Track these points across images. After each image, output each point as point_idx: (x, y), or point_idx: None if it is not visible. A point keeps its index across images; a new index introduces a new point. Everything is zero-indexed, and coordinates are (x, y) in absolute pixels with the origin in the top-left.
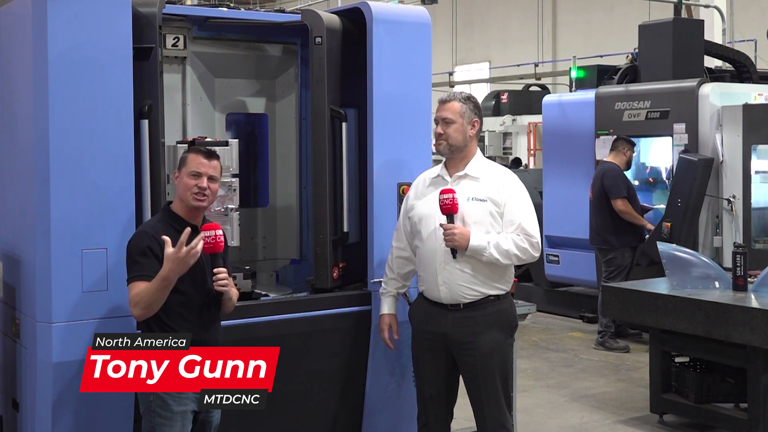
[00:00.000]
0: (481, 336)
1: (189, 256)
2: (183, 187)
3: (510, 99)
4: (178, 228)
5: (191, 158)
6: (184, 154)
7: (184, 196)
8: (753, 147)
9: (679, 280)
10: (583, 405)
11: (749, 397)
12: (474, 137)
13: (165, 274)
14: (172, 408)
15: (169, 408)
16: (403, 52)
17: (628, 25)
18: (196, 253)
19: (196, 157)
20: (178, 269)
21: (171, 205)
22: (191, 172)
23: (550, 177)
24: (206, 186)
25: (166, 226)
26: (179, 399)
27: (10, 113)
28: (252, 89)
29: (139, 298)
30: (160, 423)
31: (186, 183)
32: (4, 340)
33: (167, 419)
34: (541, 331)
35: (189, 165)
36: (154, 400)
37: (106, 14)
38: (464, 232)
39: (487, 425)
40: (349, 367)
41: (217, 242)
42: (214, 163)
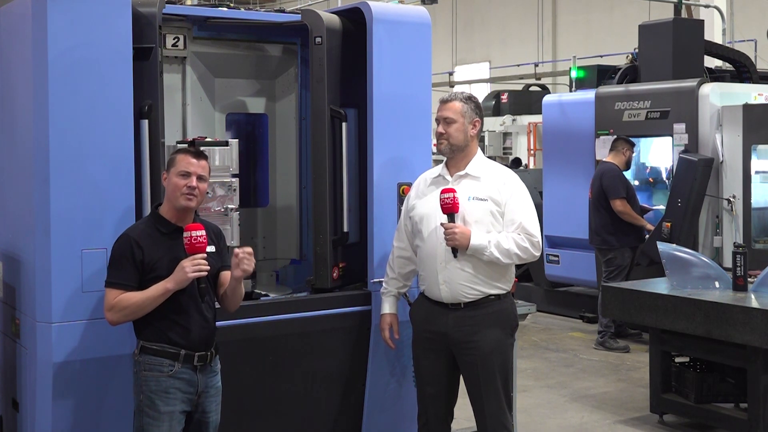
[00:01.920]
0: (481, 335)
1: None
2: (172, 187)
3: (510, 99)
4: (164, 231)
5: (180, 158)
6: (173, 155)
7: (173, 196)
8: (753, 147)
9: (679, 280)
10: (583, 405)
11: (749, 397)
12: (475, 137)
13: (171, 287)
14: (159, 408)
15: (157, 408)
16: (403, 52)
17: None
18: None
19: (184, 157)
20: (184, 284)
21: (159, 209)
22: (180, 171)
23: (550, 177)
24: (196, 185)
25: (152, 229)
26: (167, 399)
27: (10, 113)
28: (252, 89)
29: (122, 305)
30: (148, 423)
31: (175, 183)
32: (4, 340)
33: (155, 419)
34: (541, 331)
35: (178, 165)
36: (144, 400)
37: (106, 14)
38: (465, 231)
39: (488, 425)
40: (349, 367)
41: (194, 244)
42: (202, 162)
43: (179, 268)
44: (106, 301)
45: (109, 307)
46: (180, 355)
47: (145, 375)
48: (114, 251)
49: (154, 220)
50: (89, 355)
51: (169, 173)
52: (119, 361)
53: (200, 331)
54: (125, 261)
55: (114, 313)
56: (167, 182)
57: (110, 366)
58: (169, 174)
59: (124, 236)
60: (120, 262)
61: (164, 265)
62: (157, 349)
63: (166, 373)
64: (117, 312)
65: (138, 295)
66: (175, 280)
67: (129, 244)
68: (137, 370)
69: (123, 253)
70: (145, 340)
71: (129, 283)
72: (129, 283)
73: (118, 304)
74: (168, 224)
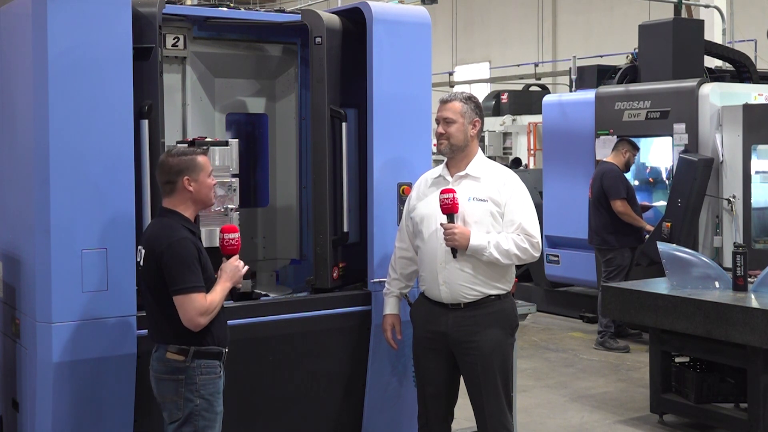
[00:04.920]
0: (481, 335)
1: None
2: (207, 187)
3: (510, 99)
4: (194, 231)
5: (204, 159)
6: (193, 158)
7: (207, 196)
8: (753, 147)
9: (679, 280)
10: (583, 405)
11: (749, 397)
12: (475, 137)
13: (229, 285)
14: (216, 409)
15: (214, 410)
16: (403, 52)
17: (628, 25)
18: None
19: (205, 157)
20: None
21: (179, 210)
22: (209, 172)
23: (550, 177)
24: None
25: (189, 232)
26: (220, 399)
27: (10, 113)
28: (252, 89)
29: (213, 308)
30: (204, 426)
31: (209, 183)
32: (4, 340)
33: (211, 420)
34: (541, 331)
35: (206, 166)
36: (201, 404)
37: (106, 14)
38: (464, 231)
39: (488, 425)
40: (350, 367)
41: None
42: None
43: (230, 267)
44: (197, 306)
45: (203, 310)
46: (223, 354)
47: (202, 379)
48: (181, 255)
49: (183, 222)
50: (89, 355)
51: (197, 176)
52: (119, 361)
53: (227, 329)
54: (196, 263)
55: (207, 317)
56: (197, 185)
57: (110, 366)
58: (198, 177)
59: (184, 240)
60: (193, 265)
61: (210, 265)
62: (213, 351)
63: (218, 374)
64: (209, 315)
65: (216, 296)
66: (232, 279)
67: (194, 247)
68: (188, 376)
69: (193, 256)
70: (199, 344)
71: (204, 285)
72: (204, 285)
73: (210, 306)
74: (194, 226)
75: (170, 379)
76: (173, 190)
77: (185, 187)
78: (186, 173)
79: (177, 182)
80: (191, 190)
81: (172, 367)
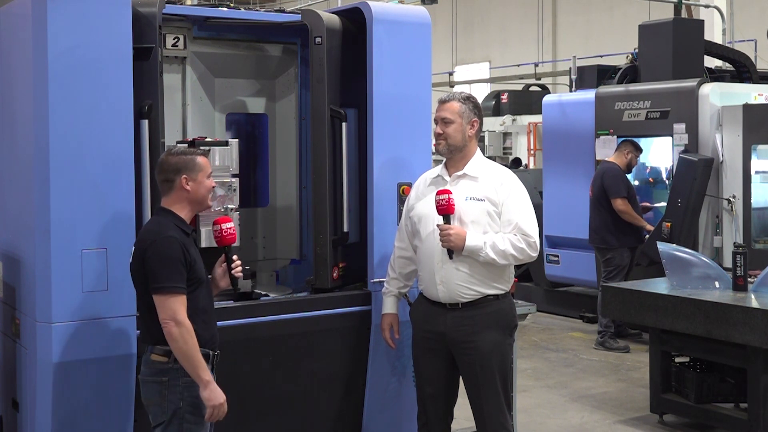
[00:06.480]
0: (479, 335)
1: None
2: (205, 188)
3: (510, 99)
4: (188, 233)
5: (204, 160)
6: (192, 158)
7: (205, 197)
8: (753, 147)
9: (679, 280)
10: (583, 405)
11: (749, 397)
12: (473, 137)
13: (208, 384)
14: (203, 411)
15: (201, 412)
16: (403, 52)
17: (628, 25)
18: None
19: (205, 159)
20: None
21: (174, 209)
22: (209, 173)
23: (550, 177)
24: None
25: (179, 231)
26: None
27: (10, 113)
28: (252, 89)
29: (184, 325)
30: (189, 429)
31: (207, 184)
32: (4, 340)
33: (197, 423)
34: (541, 331)
35: (205, 167)
36: (184, 407)
37: (106, 14)
38: (460, 232)
39: (487, 425)
40: (349, 367)
41: (224, 236)
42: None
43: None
44: (171, 307)
45: (174, 315)
46: (210, 356)
47: (186, 381)
48: (164, 253)
49: (176, 221)
50: (89, 355)
51: (196, 176)
52: (119, 361)
53: (216, 331)
54: (179, 264)
55: (177, 327)
56: (195, 184)
57: (110, 366)
58: (197, 177)
59: (170, 238)
60: (175, 265)
61: (199, 266)
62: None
63: None
64: (180, 326)
65: (191, 339)
66: (210, 399)
67: (181, 247)
68: (171, 378)
69: (176, 255)
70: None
71: (185, 288)
72: (185, 288)
73: (182, 321)
74: (188, 226)
75: (154, 381)
76: (171, 188)
77: (183, 186)
78: (184, 172)
79: (175, 181)
80: (188, 189)
81: (156, 369)
